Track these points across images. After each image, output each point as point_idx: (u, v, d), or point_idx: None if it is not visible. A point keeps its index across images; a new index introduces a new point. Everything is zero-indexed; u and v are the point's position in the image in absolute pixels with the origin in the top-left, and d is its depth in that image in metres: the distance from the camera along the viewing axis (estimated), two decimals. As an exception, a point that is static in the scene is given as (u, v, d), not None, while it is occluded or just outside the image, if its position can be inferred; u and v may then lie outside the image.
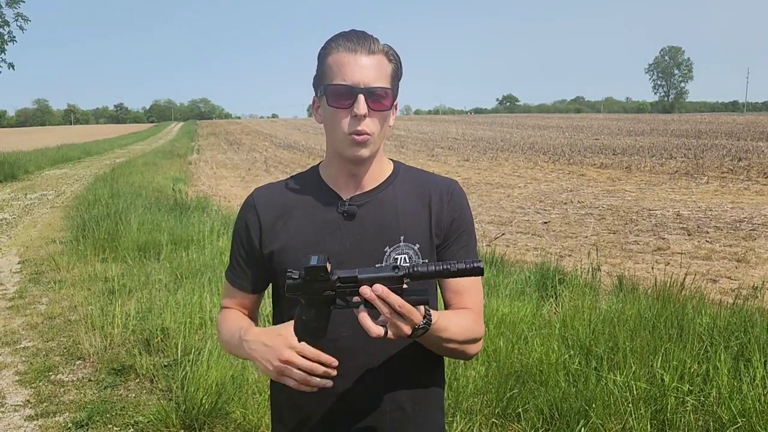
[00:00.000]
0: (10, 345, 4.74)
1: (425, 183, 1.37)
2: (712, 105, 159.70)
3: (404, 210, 1.33)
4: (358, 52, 1.23)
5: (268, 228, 1.34)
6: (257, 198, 1.38)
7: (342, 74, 1.22)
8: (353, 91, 1.22)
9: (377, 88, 1.23)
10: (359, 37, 1.25)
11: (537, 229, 9.51)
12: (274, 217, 1.34)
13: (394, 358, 1.32)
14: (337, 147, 1.28)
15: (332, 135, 1.28)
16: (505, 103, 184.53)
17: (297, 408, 1.36)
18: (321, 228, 1.31)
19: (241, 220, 1.38)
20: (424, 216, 1.33)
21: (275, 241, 1.33)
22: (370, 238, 1.30)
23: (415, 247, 1.31)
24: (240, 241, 1.39)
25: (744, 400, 3.02)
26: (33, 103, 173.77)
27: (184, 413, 3.34)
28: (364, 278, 1.07)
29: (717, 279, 6.38)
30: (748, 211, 10.61)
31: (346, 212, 1.31)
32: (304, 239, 1.31)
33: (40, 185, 16.66)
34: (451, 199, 1.36)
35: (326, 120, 1.28)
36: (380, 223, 1.31)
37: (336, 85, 1.23)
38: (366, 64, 1.23)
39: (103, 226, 8.01)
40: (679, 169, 17.40)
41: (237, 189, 15.36)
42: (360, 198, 1.33)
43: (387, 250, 1.30)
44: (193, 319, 4.57)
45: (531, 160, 21.31)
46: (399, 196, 1.34)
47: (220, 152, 30.40)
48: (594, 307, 4.33)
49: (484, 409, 3.19)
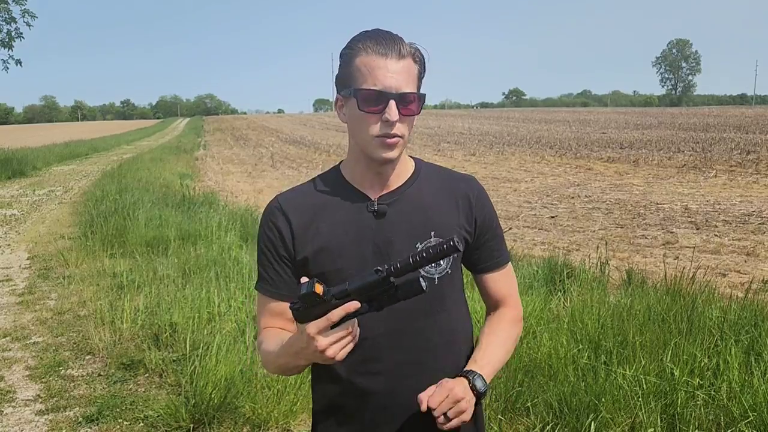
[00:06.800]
0: (20, 340, 4.77)
1: (448, 179, 1.40)
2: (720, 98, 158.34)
3: (432, 206, 1.34)
4: (389, 57, 1.23)
5: (300, 232, 1.31)
6: (284, 203, 1.34)
7: (373, 78, 1.22)
8: (385, 97, 1.22)
9: (408, 93, 1.24)
10: (388, 40, 1.24)
11: (544, 223, 9.48)
12: (306, 221, 1.32)
13: (430, 352, 1.33)
14: (366, 149, 1.27)
15: (360, 137, 1.27)
16: (512, 97, 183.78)
17: (337, 408, 1.35)
18: (353, 229, 1.30)
19: (270, 227, 1.33)
20: (453, 211, 1.35)
21: (309, 245, 1.30)
22: (401, 235, 1.31)
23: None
24: (272, 248, 1.33)
25: (755, 394, 2.99)
26: (40, 100, 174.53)
27: (193, 408, 3.35)
28: (354, 289, 1.08)
29: (726, 273, 6.34)
30: (757, 204, 10.54)
31: (377, 212, 1.31)
32: (339, 241, 1.30)
33: (48, 181, 16.75)
34: (478, 196, 1.39)
35: (354, 122, 1.28)
36: (410, 220, 1.32)
37: (368, 90, 1.22)
38: (397, 68, 1.23)
39: (111, 221, 8.04)
40: (687, 162, 17.29)
41: (244, 184, 15.39)
42: (388, 197, 1.33)
43: (419, 246, 1.30)
44: (202, 314, 4.59)
45: (538, 155, 21.23)
46: (425, 193, 1.35)
47: (227, 148, 30.45)
48: (603, 301, 4.31)
49: (493, 404, 3.19)
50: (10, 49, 18.51)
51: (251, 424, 3.31)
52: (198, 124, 67.14)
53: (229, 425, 3.33)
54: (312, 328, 1.09)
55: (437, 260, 1.08)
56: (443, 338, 1.34)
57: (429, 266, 1.29)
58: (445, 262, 1.33)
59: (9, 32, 18.39)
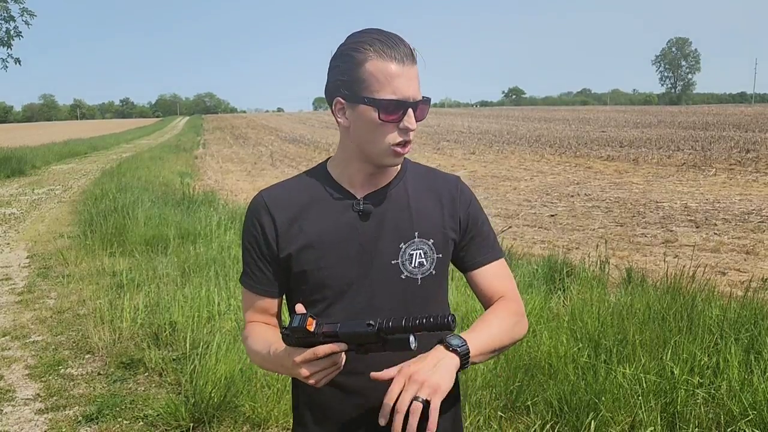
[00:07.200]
0: (20, 339, 4.77)
1: (433, 178, 1.39)
2: (719, 96, 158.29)
3: (417, 206, 1.33)
4: (405, 63, 1.20)
5: (284, 230, 1.30)
6: (269, 199, 1.33)
7: (392, 87, 1.19)
8: (404, 106, 1.21)
9: (423, 99, 1.24)
10: (398, 43, 1.21)
11: (544, 222, 9.48)
12: (290, 218, 1.30)
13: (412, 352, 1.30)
14: (375, 156, 1.26)
15: (372, 144, 1.24)
16: (511, 95, 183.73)
17: (316, 407, 1.35)
18: (338, 228, 1.29)
19: (254, 223, 1.32)
20: (437, 211, 1.34)
21: (292, 243, 1.29)
22: (385, 235, 1.29)
23: (429, 242, 1.31)
24: (256, 244, 1.33)
25: (755, 392, 2.99)
26: (39, 99, 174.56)
27: (193, 407, 3.35)
28: (343, 334, 1.11)
29: (726, 271, 6.35)
30: (757, 203, 10.54)
31: (362, 211, 1.29)
32: (323, 240, 1.28)
33: (47, 180, 16.73)
34: (461, 194, 1.37)
35: (364, 129, 1.24)
36: (395, 220, 1.30)
37: (389, 100, 1.20)
38: (411, 75, 1.21)
39: (110, 220, 8.04)
40: (687, 161, 17.29)
41: (243, 183, 15.38)
42: (373, 196, 1.31)
43: (402, 246, 1.29)
44: (201, 313, 4.59)
45: (537, 153, 21.22)
46: (411, 192, 1.34)
47: (226, 146, 30.43)
48: (602, 299, 4.31)
49: (493, 402, 3.18)
50: (9, 47, 18.50)
51: (251, 423, 3.31)
52: (197, 122, 67.09)
53: (229, 424, 3.32)
54: (298, 357, 1.12)
55: (427, 330, 1.09)
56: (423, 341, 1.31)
57: (412, 266, 1.30)
58: (429, 262, 1.31)
59: (8, 31, 18.37)
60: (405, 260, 1.29)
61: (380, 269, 1.28)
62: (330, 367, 1.13)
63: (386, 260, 1.29)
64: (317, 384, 1.15)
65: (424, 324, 1.07)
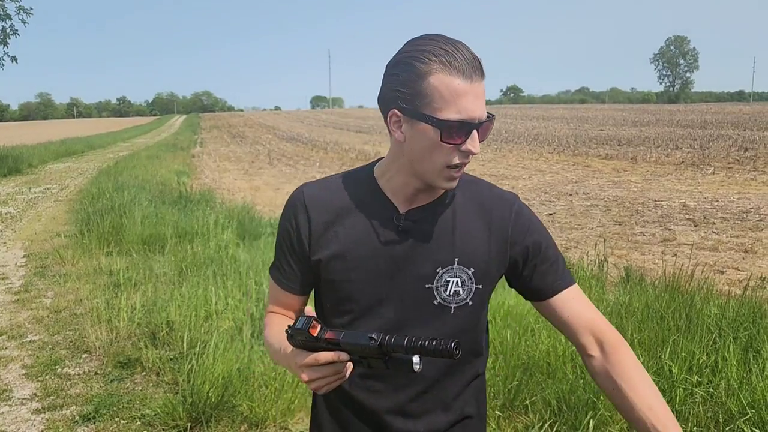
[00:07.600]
0: (17, 339, 4.75)
1: (487, 198, 1.26)
2: (717, 95, 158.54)
3: (462, 230, 1.22)
4: (473, 79, 1.07)
5: (318, 234, 1.24)
6: (309, 198, 1.26)
7: (457, 106, 1.07)
8: (469, 127, 1.09)
9: (488, 117, 1.12)
10: (468, 56, 1.08)
11: (542, 220, 9.44)
12: (327, 221, 1.24)
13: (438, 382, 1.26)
14: (428, 176, 1.16)
15: (427, 164, 1.14)
16: (509, 94, 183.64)
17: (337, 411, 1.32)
18: (374, 241, 1.21)
19: (290, 219, 1.27)
20: (483, 238, 1.23)
21: (325, 248, 1.23)
22: (422, 257, 1.20)
23: (469, 271, 1.21)
24: (289, 240, 1.28)
25: (753, 391, 2.99)
26: (36, 97, 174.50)
27: (190, 406, 3.34)
28: (345, 344, 1.07)
29: (724, 270, 6.35)
30: (755, 201, 10.55)
31: (401, 227, 1.21)
32: (356, 252, 1.22)
33: (44, 179, 16.68)
34: (515, 220, 1.24)
35: (419, 146, 1.13)
36: (435, 242, 1.21)
37: (452, 122, 1.08)
38: (480, 92, 1.09)
39: (107, 219, 8.01)
40: (685, 159, 17.31)
41: (240, 182, 15.36)
42: (417, 212, 1.22)
43: (439, 271, 1.21)
44: (199, 312, 4.57)
45: (535, 152, 21.24)
46: (458, 214, 1.24)
47: (223, 145, 30.39)
48: (601, 298, 4.31)
49: (491, 401, 3.18)
50: (5, 46, 18.42)
51: (249, 422, 3.30)
52: (194, 121, 67.00)
53: (227, 424, 3.31)
54: (300, 360, 1.08)
55: (430, 356, 1.03)
56: (450, 369, 1.26)
57: (446, 293, 1.22)
58: (466, 292, 1.22)
59: (4, 29, 18.29)
60: (440, 286, 1.20)
61: (413, 291, 1.21)
62: (331, 375, 1.08)
63: (421, 283, 1.20)
64: (318, 390, 1.10)
65: (426, 347, 1.02)
